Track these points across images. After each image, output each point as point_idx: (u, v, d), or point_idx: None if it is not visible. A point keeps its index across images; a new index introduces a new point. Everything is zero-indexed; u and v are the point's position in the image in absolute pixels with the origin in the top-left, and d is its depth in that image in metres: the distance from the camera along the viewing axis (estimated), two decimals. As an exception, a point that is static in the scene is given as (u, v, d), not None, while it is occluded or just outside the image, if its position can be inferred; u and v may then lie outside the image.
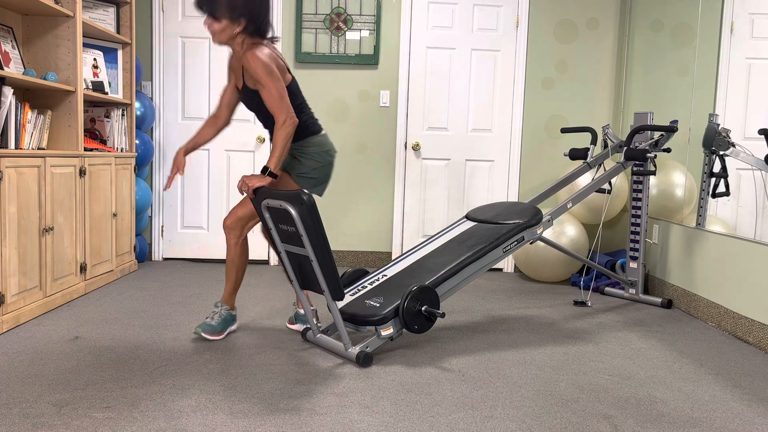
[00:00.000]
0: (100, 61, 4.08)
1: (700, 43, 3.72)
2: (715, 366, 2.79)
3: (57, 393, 2.25)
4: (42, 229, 3.26)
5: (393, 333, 2.71)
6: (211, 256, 4.92)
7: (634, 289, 4.00)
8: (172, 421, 2.06)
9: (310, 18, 4.74)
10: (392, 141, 4.85)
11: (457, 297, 3.98)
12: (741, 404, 2.36)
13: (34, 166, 3.18)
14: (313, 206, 2.49)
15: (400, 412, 2.19)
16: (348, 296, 2.92)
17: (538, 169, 4.89)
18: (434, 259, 3.04)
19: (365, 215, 4.91)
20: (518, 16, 4.77)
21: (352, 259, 4.94)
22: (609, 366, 2.74)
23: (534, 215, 3.18)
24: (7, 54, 3.37)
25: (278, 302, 3.71)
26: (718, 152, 3.48)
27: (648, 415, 2.23)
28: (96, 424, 2.02)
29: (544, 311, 3.68)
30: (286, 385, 2.40)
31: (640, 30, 4.54)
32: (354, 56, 4.76)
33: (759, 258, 3.10)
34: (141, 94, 4.56)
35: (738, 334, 3.24)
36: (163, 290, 3.90)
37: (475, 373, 2.60)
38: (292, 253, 2.75)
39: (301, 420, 2.10)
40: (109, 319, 3.21)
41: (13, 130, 3.21)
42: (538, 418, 2.17)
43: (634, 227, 3.99)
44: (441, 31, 4.78)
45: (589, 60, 4.82)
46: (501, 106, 4.85)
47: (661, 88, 4.21)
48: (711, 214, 3.59)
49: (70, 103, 3.64)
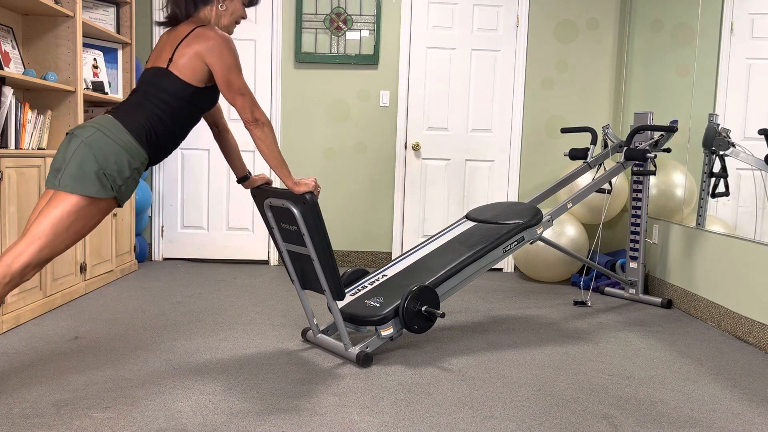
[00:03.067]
0: (100, 61, 4.08)
1: (700, 43, 3.73)
2: (715, 366, 2.79)
3: (57, 393, 2.25)
4: (42, 229, 3.26)
5: (393, 333, 2.71)
6: (211, 256, 4.91)
7: (634, 289, 4.00)
8: (172, 421, 2.06)
9: (310, 18, 4.74)
10: (392, 141, 4.85)
11: (457, 297, 3.98)
12: (741, 404, 2.36)
13: (34, 166, 3.18)
14: (316, 205, 2.49)
15: (400, 412, 2.19)
16: (348, 296, 2.92)
17: (538, 169, 4.89)
18: (434, 259, 3.04)
19: (365, 215, 4.91)
20: (518, 16, 4.77)
21: (352, 259, 4.94)
22: (609, 366, 2.74)
23: (534, 215, 3.18)
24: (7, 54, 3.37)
25: (278, 302, 3.71)
26: (718, 152, 3.48)
27: (648, 415, 2.23)
28: (96, 424, 2.02)
29: (544, 311, 3.68)
30: (286, 385, 2.40)
31: (640, 30, 4.54)
32: (354, 56, 4.76)
33: (759, 258, 3.10)
34: (141, 94, 4.55)
35: (738, 334, 3.24)
36: (163, 290, 3.90)
37: (475, 373, 2.60)
38: (294, 252, 2.75)
39: (301, 420, 2.10)
40: (109, 319, 3.21)
41: (13, 130, 3.21)
42: (538, 418, 2.17)
43: (634, 227, 3.99)
44: (441, 31, 4.78)
45: (589, 60, 4.82)
46: (501, 106, 4.85)
47: (661, 88, 4.21)
48: (711, 214, 3.59)
49: (70, 103, 3.64)
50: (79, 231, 2.11)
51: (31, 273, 2.07)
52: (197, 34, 2.24)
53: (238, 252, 4.92)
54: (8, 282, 2.03)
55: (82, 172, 2.07)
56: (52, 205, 2.07)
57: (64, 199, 2.07)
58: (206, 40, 2.23)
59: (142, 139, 2.19)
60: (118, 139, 2.13)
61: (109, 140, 2.12)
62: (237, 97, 2.28)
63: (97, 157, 2.08)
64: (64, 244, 2.09)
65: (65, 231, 2.07)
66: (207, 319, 3.29)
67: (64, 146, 2.14)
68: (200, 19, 2.34)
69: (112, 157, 2.11)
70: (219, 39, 2.24)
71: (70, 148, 2.11)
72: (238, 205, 4.89)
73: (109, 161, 2.10)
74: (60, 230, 2.06)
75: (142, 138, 2.18)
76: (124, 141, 2.14)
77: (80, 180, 2.06)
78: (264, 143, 2.34)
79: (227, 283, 4.20)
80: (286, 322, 3.27)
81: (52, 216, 2.06)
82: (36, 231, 2.05)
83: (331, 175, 4.88)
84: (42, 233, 2.05)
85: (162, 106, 2.23)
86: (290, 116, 4.82)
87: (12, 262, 2.03)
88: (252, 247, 4.92)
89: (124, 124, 2.16)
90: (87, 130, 2.12)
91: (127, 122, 2.17)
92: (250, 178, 2.73)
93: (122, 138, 2.14)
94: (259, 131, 2.32)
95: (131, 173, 2.17)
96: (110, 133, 2.13)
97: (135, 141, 2.17)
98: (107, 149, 2.10)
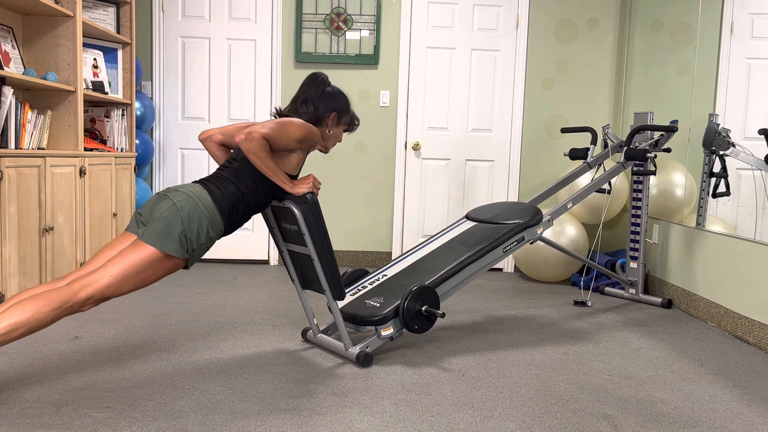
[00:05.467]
0: (100, 61, 4.08)
1: (700, 42, 3.73)
2: (715, 366, 2.79)
3: (57, 393, 2.25)
4: (42, 229, 3.26)
5: (393, 333, 2.71)
6: (211, 256, 4.91)
7: (634, 289, 4.00)
8: (172, 421, 2.06)
9: (310, 18, 4.74)
10: (392, 141, 4.85)
11: (457, 297, 3.98)
12: (741, 404, 2.36)
13: (34, 166, 3.18)
14: (316, 205, 2.49)
15: (400, 412, 2.19)
16: (348, 296, 2.92)
17: (538, 169, 4.89)
18: (434, 259, 3.04)
19: (365, 215, 4.91)
20: (518, 16, 4.77)
21: (352, 259, 4.94)
22: (609, 366, 2.74)
23: (534, 215, 3.18)
24: (7, 54, 3.37)
25: (278, 302, 3.71)
26: (718, 152, 3.48)
27: (648, 415, 2.23)
28: (96, 424, 2.02)
29: (544, 311, 3.68)
30: (286, 385, 2.40)
31: (640, 30, 4.54)
32: (354, 56, 4.76)
33: (759, 258, 3.10)
34: (141, 94, 4.56)
35: (738, 334, 3.24)
36: (163, 290, 3.90)
37: (475, 373, 2.60)
38: (294, 252, 2.75)
39: (301, 420, 2.10)
40: (109, 319, 3.21)
41: (13, 130, 3.21)
42: (538, 418, 2.17)
43: (634, 227, 3.99)
44: (441, 31, 4.78)
45: (589, 60, 4.82)
46: (501, 106, 4.85)
47: (661, 88, 4.21)
48: (711, 214, 3.59)
49: (70, 103, 3.64)
50: (145, 279, 2.26)
51: (90, 306, 2.19)
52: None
53: (238, 252, 4.92)
54: (68, 307, 2.14)
55: (168, 231, 2.24)
56: (130, 250, 2.22)
57: (144, 249, 2.22)
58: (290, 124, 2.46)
59: (225, 213, 2.37)
60: (204, 209, 2.31)
61: (198, 208, 2.30)
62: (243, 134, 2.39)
63: (184, 220, 2.26)
64: (128, 287, 2.23)
65: (134, 276, 2.22)
66: (207, 319, 3.29)
67: (153, 203, 2.32)
68: None
69: (195, 224, 2.28)
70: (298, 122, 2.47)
71: (161, 206, 2.28)
72: (238, 205, 4.88)
73: (192, 226, 2.28)
74: (129, 274, 2.21)
75: (225, 212, 2.37)
76: (210, 212, 2.32)
77: (163, 237, 2.23)
78: (255, 155, 2.37)
79: (227, 283, 4.20)
80: (286, 322, 3.27)
81: (128, 260, 2.21)
82: (110, 269, 2.19)
83: (331, 175, 4.88)
84: (114, 272, 2.19)
85: (247, 188, 2.43)
86: (290, 116, 4.81)
87: (79, 291, 2.15)
88: (252, 247, 4.92)
89: (212, 196, 2.35)
90: (180, 195, 2.30)
91: (215, 195, 2.36)
92: None
93: (208, 209, 2.32)
94: (247, 144, 2.35)
95: (206, 240, 2.34)
96: (199, 201, 2.31)
97: (218, 213, 2.35)
98: (194, 215, 2.28)
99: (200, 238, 2.30)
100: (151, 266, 2.23)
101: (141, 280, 2.23)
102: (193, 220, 2.27)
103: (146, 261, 2.21)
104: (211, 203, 2.32)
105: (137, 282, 2.23)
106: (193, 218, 2.27)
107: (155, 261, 2.23)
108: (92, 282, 2.16)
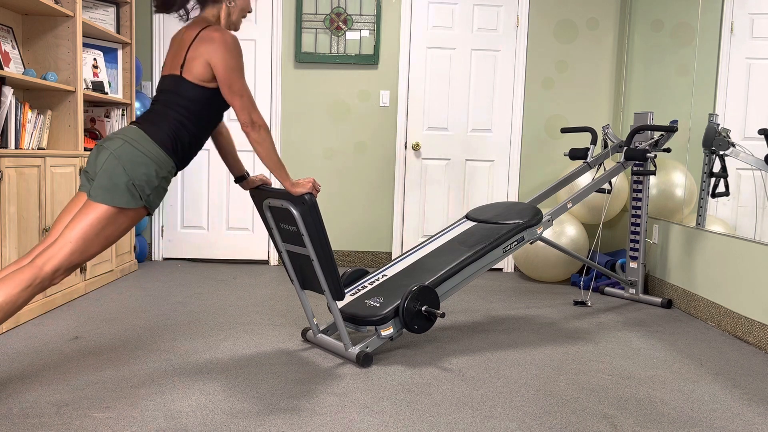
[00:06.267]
0: (100, 61, 4.08)
1: (700, 42, 3.73)
2: (715, 366, 2.79)
3: (57, 393, 2.25)
4: (42, 229, 3.26)
5: (393, 333, 2.71)
6: (211, 256, 4.91)
7: (634, 289, 4.00)
8: (172, 421, 2.06)
9: (310, 18, 4.74)
10: (392, 141, 4.85)
11: (457, 297, 3.98)
12: (741, 404, 2.36)
13: (34, 166, 3.18)
14: (315, 206, 2.49)
15: (400, 412, 2.19)
16: (348, 296, 2.92)
17: (538, 169, 4.89)
18: (434, 259, 3.04)
19: (365, 215, 4.91)
20: (518, 16, 4.77)
21: (352, 259, 4.94)
22: (609, 366, 2.74)
23: (534, 215, 3.18)
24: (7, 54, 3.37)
25: (278, 302, 3.71)
26: (718, 152, 3.48)
27: (648, 415, 2.23)
28: (96, 424, 2.02)
29: (544, 311, 3.68)
30: (286, 385, 2.40)
31: (640, 30, 4.54)
32: (354, 56, 4.76)
33: (759, 258, 3.10)
34: (141, 94, 4.56)
35: (738, 334, 3.24)
36: (163, 290, 3.90)
37: (475, 373, 2.60)
38: (294, 252, 2.75)
39: (301, 420, 2.10)
40: (109, 319, 3.21)
41: (13, 130, 3.21)
42: (538, 418, 2.17)
43: (634, 227, 3.99)
44: (441, 31, 4.78)
45: (589, 60, 4.82)
46: (501, 106, 4.85)
47: (661, 88, 4.21)
48: (711, 214, 3.59)
49: (70, 103, 3.64)
50: (109, 237, 2.17)
51: (60, 277, 2.12)
52: (203, 36, 2.26)
53: (238, 252, 4.92)
54: (38, 284, 2.08)
55: (112, 183, 2.13)
56: (83, 212, 2.13)
57: (95, 207, 2.13)
58: (211, 42, 2.24)
59: (168, 147, 2.24)
60: (145, 149, 2.18)
61: (137, 151, 2.17)
62: (236, 98, 2.29)
63: (126, 168, 2.14)
64: (94, 249, 2.16)
65: (95, 237, 2.14)
66: (207, 319, 3.29)
67: (94, 156, 2.20)
68: (206, 20, 2.36)
69: (140, 168, 2.16)
70: (222, 40, 2.25)
71: (99, 159, 2.17)
72: (238, 205, 4.89)
73: (137, 172, 2.16)
74: (90, 236, 2.13)
75: (168, 147, 2.24)
76: (152, 151, 2.19)
77: (110, 191, 2.13)
78: (261, 146, 2.34)
79: (227, 283, 4.20)
80: (286, 322, 3.27)
81: (84, 223, 2.12)
82: (68, 236, 2.11)
83: (331, 175, 4.88)
84: (73, 238, 2.11)
85: (184, 113, 2.28)
86: (290, 116, 4.82)
87: (43, 265, 2.08)
88: (252, 247, 4.92)
89: (150, 134, 2.22)
90: (115, 142, 2.17)
91: (152, 132, 2.22)
92: (247, 179, 2.72)
93: (149, 148, 2.19)
94: (255, 134, 2.33)
95: (159, 182, 2.23)
96: (138, 144, 2.18)
97: (162, 150, 2.22)
98: (136, 160, 2.16)
99: (151, 181, 2.18)
100: (110, 223, 2.14)
101: (104, 238, 2.15)
102: (136, 165, 2.15)
103: (102, 219, 2.13)
104: (150, 142, 2.19)
105: (102, 241, 2.15)
106: (136, 164, 2.15)
107: (111, 217, 2.14)
108: (55, 254, 2.08)
